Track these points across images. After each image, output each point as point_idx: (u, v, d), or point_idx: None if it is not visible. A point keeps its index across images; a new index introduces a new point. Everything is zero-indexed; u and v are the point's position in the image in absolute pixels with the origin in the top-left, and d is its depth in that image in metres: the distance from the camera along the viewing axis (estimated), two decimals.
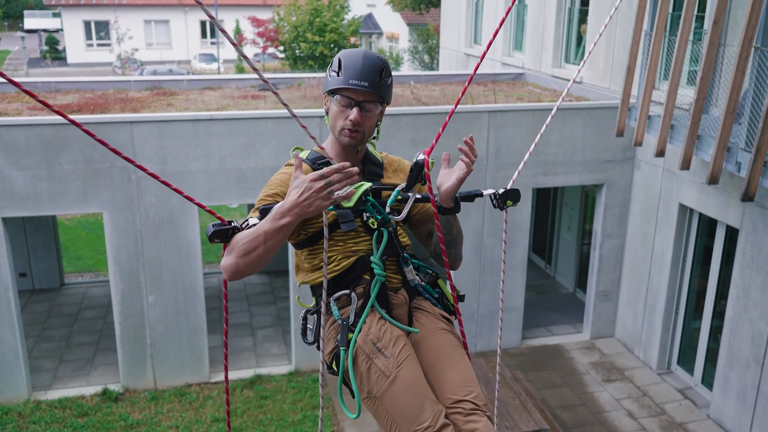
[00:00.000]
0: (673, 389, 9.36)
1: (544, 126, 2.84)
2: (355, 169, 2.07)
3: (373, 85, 2.36)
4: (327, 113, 2.50)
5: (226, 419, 2.68)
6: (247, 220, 2.27)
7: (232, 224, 2.22)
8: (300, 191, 2.04)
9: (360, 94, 2.36)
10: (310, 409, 8.81)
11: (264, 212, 2.23)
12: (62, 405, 8.86)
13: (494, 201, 2.62)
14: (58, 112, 1.84)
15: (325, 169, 2.03)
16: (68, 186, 8.32)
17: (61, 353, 10.20)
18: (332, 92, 2.40)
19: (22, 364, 8.81)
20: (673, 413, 8.83)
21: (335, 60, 2.42)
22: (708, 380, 9.08)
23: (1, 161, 8.07)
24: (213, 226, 2.19)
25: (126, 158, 2.03)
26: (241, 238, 2.17)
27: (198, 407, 8.88)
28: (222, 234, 2.19)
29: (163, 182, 2.19)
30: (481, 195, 2.60)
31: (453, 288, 2.62)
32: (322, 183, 2.02)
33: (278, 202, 2.29)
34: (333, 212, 2.36)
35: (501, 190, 2.62)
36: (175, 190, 2.21)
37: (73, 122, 1.93)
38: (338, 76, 2.37)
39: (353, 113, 2.36)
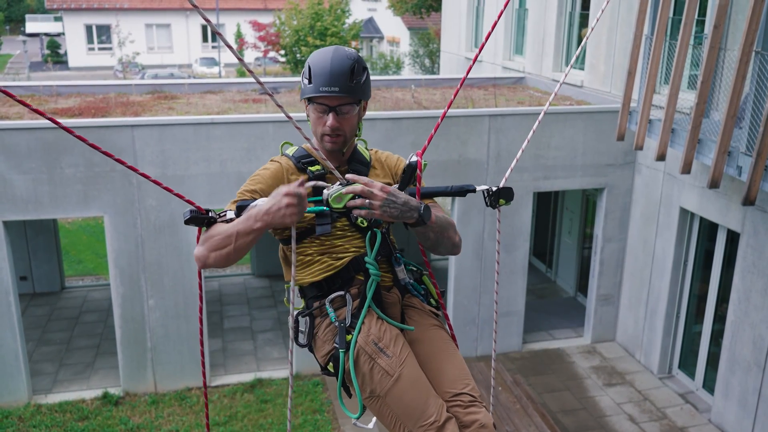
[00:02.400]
0: (675, 393, 9.34)
1: (532, 131, 2.85)
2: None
3: (344, 88, 2.33)
4: (308, 118, 2.49)
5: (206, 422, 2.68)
6: (225, 211, 2.31)
7: (209, 214, 2.28)
8: (272, 201, 2.10)
9: (333, 100, 2.34)
10: (311, 413, 8.80)
11: (240, 208, 2.28)
12: (62, 409, 8.85)
13: (486, 199, 2.61)
14: (44, 115, 1.84)
15: (301, 189, 2.09)
16: (69, 189, 8.32)
17: (62, 357, 10.19)
18: (308, 100, 2.39)
19: (22, 367, 8.80)
20: (674, 417, 8.81)
21: (305, 66, 2.39)
22: (709, 384, 9.06)
23: (2, 165, 8.07)
24: (191, 211, 2.25)
25: (120, 160, 2.04)
26: (215, 233, 2.23)
27: (198, 411, 8.87)
28: (198, 220, 2.27)
29: (155, 181, 2.22)
30: (474, 191, 2.56)
31: (435, 286, 2.65)
32: (294, 201, 2.07)
33: (255, 198, 2.34)
34: (311, 214, 2.37)
35: (494, 188, 2.60)
36: (169, 190, 2.22)
37: (65, 128, 1.93)
38: (309, 83, 2.35)
39: (329, 119, 2.35)
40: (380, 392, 2.31)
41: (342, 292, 2.44)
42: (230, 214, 2.29)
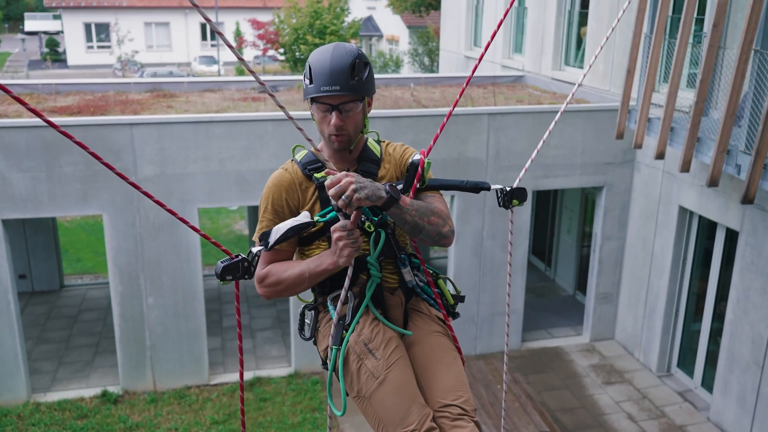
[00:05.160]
0: (673, 392, 9.35)
1: (547, 132, 2.82)
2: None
3: (345, 86, 2.29)
4: (314, 119, 2.46)
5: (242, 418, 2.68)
6: (250, 251, 2.26)
7: (240, 257, 2.17)
8: (332, 247, 2.27)
9: (335, 98, 2.30)
10: (310, 411, 8.81)
11: (263, 236, 2.33)
12: (61, 407, 8.86)
13: (500, 199, 2.59)
14: (42, 117, 1.83)
15: (346, 222, 2.20)
16: (68, 188, 8.32)
17: (61, 355, 10.19)
18: (311, 99, 2.36)
19: (21, 366, 8.80)
20: (673, 416, 8.82)
21: (306, 66, 2.36)
22: (708, 383, 9.07)
23: (1, 163, 8.07)
24: (221, 262, 2.13)
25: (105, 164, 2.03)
26: (280, 278, 2.37)
27: (197, 409, 8.88)
28: (233, 269, 2.14)
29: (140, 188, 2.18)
30: (488, 188, 2.54)
31: (427, 272, 2.58)
32: (343, 233, 2.20)
33: (277, 222, 2.39)
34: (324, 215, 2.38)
35: (508, 188, 2.58)
36: (197, 231, 2.18)
37: (63, 132, 1.92)
38: (310, 84, 2.32)
39: (333, 118, 2.32)
40: (365, 393, 2.31)
41: (344, 292, 2.43)
42: (257, 249, 2.26)
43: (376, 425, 2.31)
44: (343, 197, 2.08)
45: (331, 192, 2.10)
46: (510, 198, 2.58)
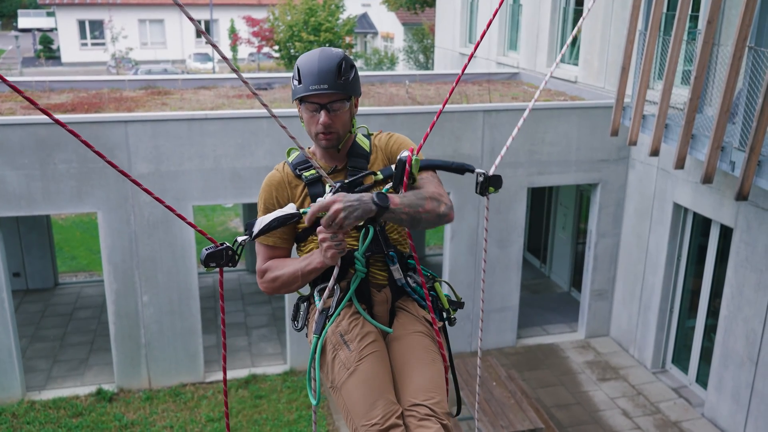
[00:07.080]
0: (668, 388, 9.39)
1: (516, 129, 2.84)
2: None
3: (333, 85, 2.38)
4: (302, 120, 2.53)
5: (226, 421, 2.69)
6: (235, 240, 2.32)
7: (225, 245, 2.25)
8: (320, 250, 2.31)
9: (323, 97, 2.40)
10: (305, 408, 8.81)
11: (248, 226, 2.41)
12: (56, 405, 8.84)
13: (477, 185, 2.61)
14: (45, 112, 1.83)
15: (329, 227, 2.22)
16: (62, 185, 8.29)
17: (55, 353, 10.17)
18: (299, 100, 2.45)
19: (15, 364, 8.78)
20: (667, 412, 8.85)
21: (294, 68, 2.46)
22: (702, 379, 9.11)
23: None
24: (206, 249, 2.22)
25: (108, 161, 2.02)
26: (277, 274, 2.48)
27: (193, 407, 8.87)
28: (217, 256, 2.23)
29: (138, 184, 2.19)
30: (473, 171, 2.58)
31: (420, 273, 2.60)
32: (326, 236, 2.22)
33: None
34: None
35: (488, 174, 2.61)
36: (184, 219, 2.19)
37: (59, 122, 1.92)
38: (299, 84, 2.41)
39: (321, 117, 2.41)
40: (337, 383, 2.37)
41: (331, 283, 2.46)
42: (241, 239, 2.31)
43: (345, 417, 2.36)
44: (333, 224, 2.16)
45: (322, 221, 2.19)
46: (486, 185, 2.60)
